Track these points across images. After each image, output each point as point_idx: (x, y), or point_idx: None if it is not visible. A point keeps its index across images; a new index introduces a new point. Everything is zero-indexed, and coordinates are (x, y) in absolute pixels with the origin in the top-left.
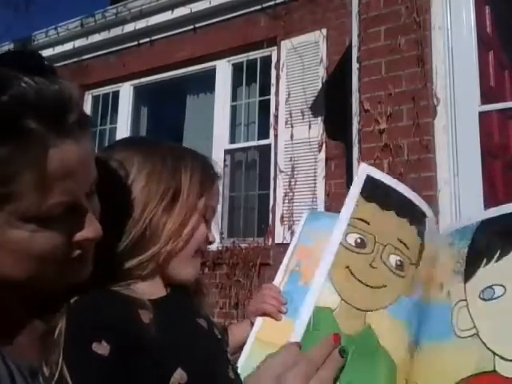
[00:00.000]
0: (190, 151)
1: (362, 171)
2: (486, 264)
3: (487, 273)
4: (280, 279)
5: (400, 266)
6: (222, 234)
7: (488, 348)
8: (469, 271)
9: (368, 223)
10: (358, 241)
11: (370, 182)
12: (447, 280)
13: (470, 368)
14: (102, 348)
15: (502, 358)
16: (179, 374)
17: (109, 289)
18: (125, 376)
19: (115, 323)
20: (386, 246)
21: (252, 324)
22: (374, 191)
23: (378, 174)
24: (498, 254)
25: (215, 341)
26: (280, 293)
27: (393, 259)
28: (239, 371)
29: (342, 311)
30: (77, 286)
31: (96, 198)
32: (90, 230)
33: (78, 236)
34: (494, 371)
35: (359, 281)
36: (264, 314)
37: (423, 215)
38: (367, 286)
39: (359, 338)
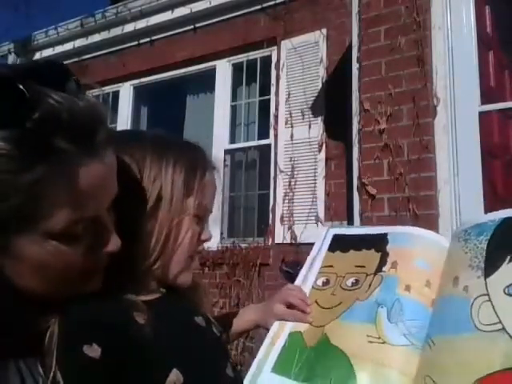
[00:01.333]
0: (175, 145)
1: (330, 233)
2: (511, 260)
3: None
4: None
5: (355, 283)
6: (222, 233)
7: None
8: (490, 266)
9: (332, 266)
10: (325, 281)
11: (335, 238)
12: (463, 275)
13: (496, 363)
14: (92, 350)
15: None
16: (175, 375)
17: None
18: (118, 378)
19: (106, 325)
20: (344, 276)
21: (262, 323)
22: (337, 244)
23: (342, 230)
24: None
25: (213, 339)
26: (306, 296)
27: (349, 281)
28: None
29: (308, 331)
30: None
31: (113, 210)
32: (111, 244)
33: (102, 251)
34: None
35: (322, 307)
36: (290, 306)
37: (384, 235)
38: (327, 308)
39: (317, 345)
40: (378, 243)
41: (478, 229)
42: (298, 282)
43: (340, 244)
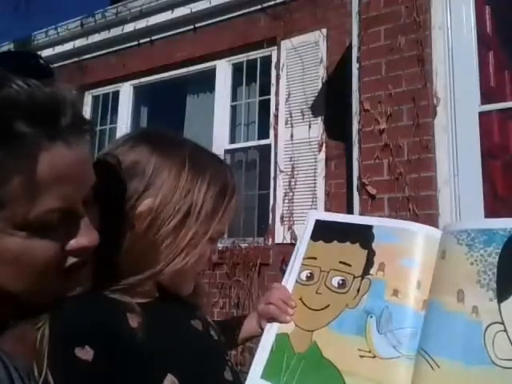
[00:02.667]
0: (212, 163)
1: (311, 218)
2: None
3: None
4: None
5: (342, 284)
6: None
7: None
8: (503, 290)
9: (315, 258)
10: (308, 275)
11: (317, 225)
12: (471, 291)
13: None
14: (85, 353)
15: None
16: (169, 381)
17: (96, 292)
18: (110, 382)
19: (99, 328)
20: (329, 272)
21: (260, 326)
22: (319, 232)
23: (324, 215)
24: None
25: (211, 342)
26: (289, 295)
27: (335, 280)
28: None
29: (295, 334)
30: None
31: (95, 207)
32: (86, 237)
33: (73, 243)
34: None
35: (308, 307)
36: (272, 319)
37: (369, 228)
38: (313, 310)
39: (307, 354)
40: (363, 238)
41: (485, 236)
42: (286, 274)
43: (323, 233)
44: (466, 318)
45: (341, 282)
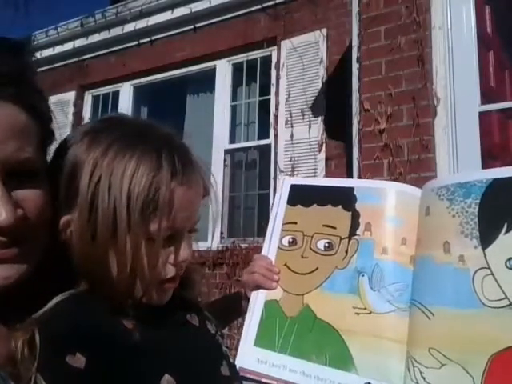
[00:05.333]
0: (141, 144)
1: (286, 183)
2: (508, 230)
3: (510, 241)
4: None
5: (328, 246)
6: (222, 233)
7: None
8: (486, 237)
9: (296, 223)
10: (290, 240)
11: (293, 190)
12: (456, 241)
13: (509, 338)
14: (76, 360)
15: None
16: (166, 381)
17: (86, 294)
18: None
19: (89, 333)
20: (312, 235)
21: (247, 297)
22: (296, 196)
23: (300, 180)
24: None
25: (208, 337)
26: (272, 262)
27: (321, 243)
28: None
29: (285, 299)
30: (46, 291)
31: None
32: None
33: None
34: None
35: (295, 272)
36: (258, 287)
37: (350, 190)
38: (302, 274)
39: (300, 317)
40: (346, 200)
41: (464, 189)
42: (265, 243)
43: (300, 197)
44: (454, 267)
45: (327, 244)
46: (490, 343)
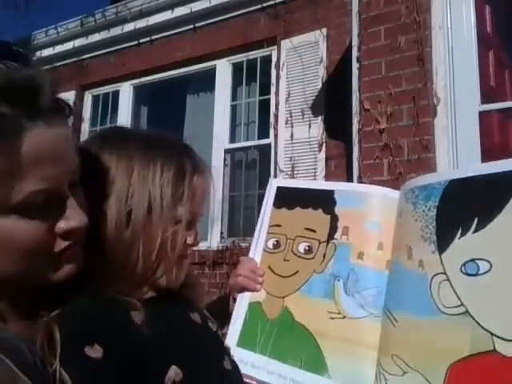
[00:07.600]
0: (161, 146)
1: (273, 185)
2: (462, 235)
3: (465, 245)
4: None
5: (308, 250)
6: (222, 233)
7: (483, 327)
8: (442, 241)
9: (280, 226)
10: (275, 243)
11: (279, 192)
12: (417, 246)
13: (465, 348)
14: (94, 351)
15: (501, 338)
16: (174, 372)
17: (100, 291)
18: (120, 377)
19: (106, 325)
20: (295, 238)
21: (234, 299)
22: (281, 199)
23: (286, 182)
24: (474, 225)
25: (210, 334)
26: (257, 265)
27: (301, 247)
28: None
29: (267, 301)
30: (67, 289)
31: (81, 191)
32: (74, 219)
33: (61, 224)
34: (495, 351)
35: (277, 274)
36: (243, 289)
37: (330, 193)
38: (283, 277)
39: (278, 320)
40: (325, 203)
41: (425, 192)
42: (252, 245)
43: (285, 199)
44: (414, 272)
45: (307, 247)
46: (447, 353)
